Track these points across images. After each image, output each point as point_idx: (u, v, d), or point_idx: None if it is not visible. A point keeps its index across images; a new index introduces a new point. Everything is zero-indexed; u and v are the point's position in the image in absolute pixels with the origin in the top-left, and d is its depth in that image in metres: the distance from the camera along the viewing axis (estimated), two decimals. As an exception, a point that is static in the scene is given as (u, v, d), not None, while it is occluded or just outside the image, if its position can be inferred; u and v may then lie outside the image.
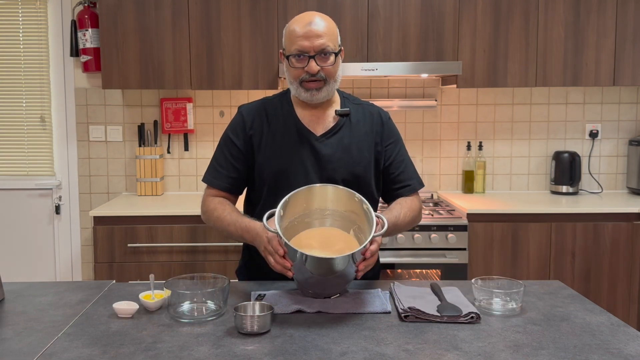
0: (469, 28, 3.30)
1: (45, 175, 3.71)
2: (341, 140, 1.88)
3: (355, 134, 1.90)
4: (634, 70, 3.33)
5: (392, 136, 1.97)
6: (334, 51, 1.81)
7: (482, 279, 1.66)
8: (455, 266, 3.04)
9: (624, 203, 3.33)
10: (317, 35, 1.78)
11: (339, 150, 1.86)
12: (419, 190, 1.99)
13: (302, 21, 1.81)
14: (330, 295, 1.64)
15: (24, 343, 1.39)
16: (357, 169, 1.87)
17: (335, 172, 1.85)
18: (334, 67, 1.82)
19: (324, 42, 1.78)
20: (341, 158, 1.86)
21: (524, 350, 1.34)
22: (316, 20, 1.80)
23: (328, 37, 1.79)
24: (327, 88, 1.83)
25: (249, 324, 1.43)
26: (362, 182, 1.88)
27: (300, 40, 1.78)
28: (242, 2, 3.26)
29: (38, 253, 3.71)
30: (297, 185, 1.78)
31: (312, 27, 1.78)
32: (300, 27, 1.79)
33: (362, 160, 1.89)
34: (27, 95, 3.66)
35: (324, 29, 1.79)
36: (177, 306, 1.57)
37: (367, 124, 1.93)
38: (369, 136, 1.91)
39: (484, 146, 3.71)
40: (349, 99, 1.98)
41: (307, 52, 1.78)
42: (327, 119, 1.90)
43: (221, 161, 1.92)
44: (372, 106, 2.00)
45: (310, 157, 1.85)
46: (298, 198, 1.69)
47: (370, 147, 1.91)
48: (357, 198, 1.70)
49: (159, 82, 3.30)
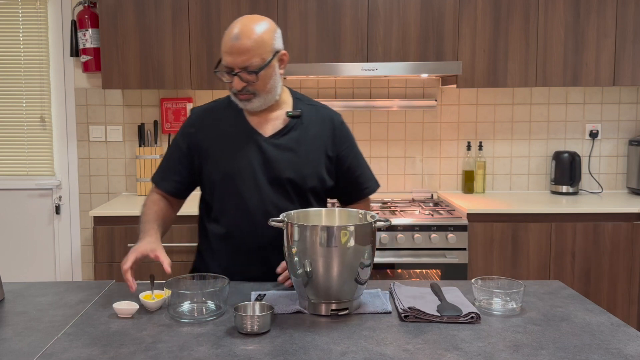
0: (469, 28, 3.30)
1: (45, 175, 3.71)
2: (290, 141, 1.88)
3: (305, 135, 1.89)
4: (634, 70, 3.33)
5: (346, 141, 1.97)
6: (257, 68, 1.74)
7: (482, 279, 1.66)
8: (455, 266, 3.04)
9: (624, 203, 3.33)
10: (239, 52, 1.73)
11: (286, 151, 1.87)
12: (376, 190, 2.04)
13: (229, 34, 1.76)
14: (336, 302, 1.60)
15: (24, 343, 1.39)
16: (304, 170, 1.87)
17: (282, 173, 1.85)
18: (260, 82, 1.78)
19: (248, 59, 1.73)
20: (288, 159, 1.86)
21: (524, 350, 1.34)
22: (242, 34, 1.74)
23: (253, 51, 1.73)
24: (258, 100, 1.81)
25: (249, 324, 1.43)
26: (308, 183, 1.88)
27: (226, 56, 1.76)
28: (242, 2, 3.26)
29: (38, 253, 3.71)
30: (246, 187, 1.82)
31: (236, 42, 1.73)
32: (227, 41, 1.76)
33: (310, 162, 1.88)
34: (27, 95, 3.66)
35: (250, 44, 1.73)
36: (177, 306, 1.57)
37: (318, 126, 1.92)
38: (320, 139, 1.91)
39: (484, 146, 3.71)
40: (302, 99, 1.97)
41: (232, 68, 1.77)
42: (277, 120, 1.89)
43: (169, 163, 1.96)
44: (326, 109, 1.99)
45: (257, 158, 1.85)
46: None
47: (319, 150, 1.90)
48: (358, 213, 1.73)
49: (159, 82, 3.30)
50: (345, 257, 1.52)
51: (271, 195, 1.85)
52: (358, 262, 1.54)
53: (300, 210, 1.72)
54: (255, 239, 1.85)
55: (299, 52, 3.27)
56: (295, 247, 1.54)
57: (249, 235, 1.85)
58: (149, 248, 1.70)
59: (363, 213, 1.70)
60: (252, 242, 1.86)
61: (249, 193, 1.85)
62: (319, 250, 1.51)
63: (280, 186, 1.86)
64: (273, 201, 1.85)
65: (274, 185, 1.86)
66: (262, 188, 1.85)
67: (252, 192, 1.85)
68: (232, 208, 1.87)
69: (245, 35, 1.74)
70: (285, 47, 3.26)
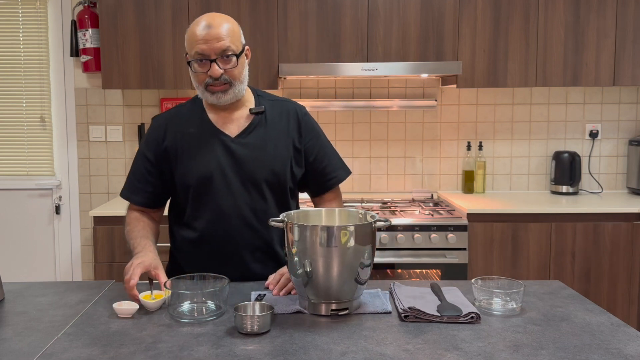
0: (469, 28, 3.30)
1: (45, 175, 3.71)
2: (257, 139, 1.86)
3: (271, 131, 1.88)
4: (634, 70, 3.33)
5: (312, 131, 1.96)
6: (235, 53, 1.77)
7: (482, 279, 1.66)
8: (455, 266, 3.04)
9: (624, 203, 3.33)
10: (216, 38, 1.74)
11: (255, 149, 1.85)
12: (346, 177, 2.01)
13: (201, 24, 1.76)
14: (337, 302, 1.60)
15: (24, 343, 1.39)
16: (276, 167, 1.86)
17: (255, 173, 1.84)
18: (237, 69, 1.79)
19: (224, 44, 1.75)
20: (258, 157, 1.85)
21: (524, 350, 1.34)
22: (215, 22, 1.76)
23: (229, 38, 1.76)
24: (233, 90, 1.81)
25: (249, 324, 1.43)
26: (281, 180, 1.88)
27: (200, 44, 1.75)
28: (242, 2, 3.26)
29: (38, 253, 3.71)
30: (219, 190, 1.80)
31: (211, 30, 1.74)
32: (200, 29, 1.76)
33: (279, 157, 1.87)
34: (27, 95, 3.66)
35: (224, 31, 1.75)
36: (177, 306, 1.57)
37: (283, 121, 1.91)
38: (286, 133, 1.90)
39: (484, 146, 3.71)
40: (263, 96, 1.96)
41: (207, 55, 1.76)
42: (241, 119, 1.88)
43: (137, 175, 1.91)
44: (289, 102, 1.98)
45: (227, 159, 1.83)
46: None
47: (287, 144, 1.90)
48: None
49: (159, 82, 3.30)
50: (345, 257, 1.52)
51: (245, 197, 1.83)
52: (358, 262, 1.54)
53: (300, 210, 1.72)
54: (230, 241, 1.83)
55: (299, 52, 3.27)
56: (295, 247, 1.54)
57: (224, 238, 1.83)
58: (153, 265, 1.67)
59: (363, 213, 1.70)
60: (228, 245, 1.84)
61: (222, 196, 1.83)
62: (319, 250, 1.51)
63: (254, 186, 1.84)
64: (247, 202, 1.83)
65: (247, 186, 1.84)
66: (235, 190, 1.83)
67: (225, 194, 1.83)
68: (206, 212, 1.85)
69: (217, 24, 1.76)
70: (285, 47, 3.30)
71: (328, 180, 1.97)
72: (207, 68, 1.77)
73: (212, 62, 1.76)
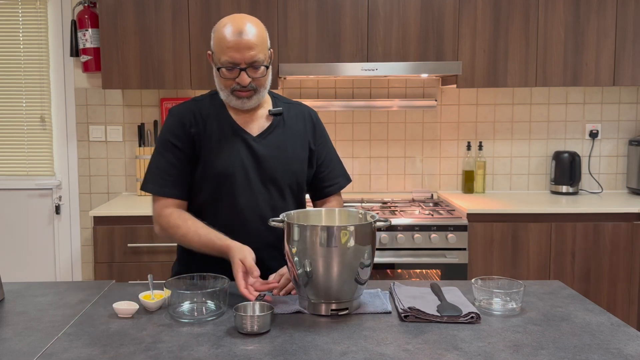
0: (469, 28, 3.30)
1: (45, 175, 3.71)
2: (277, 139, 1.89)
3: (289, 132, 1.91)
4: (634, 70, 3.33)
5: (322, 136, 2.00)
6: (264, 63, 1.79)
7: (482, 279, 1.66)
8: (455, 266, 3.04)
9: (624, 203, 3.33)
10: (248, 47, 1.74)
11: (275, 149, 1.87)
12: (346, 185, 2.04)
13: (232, 29, 1.75)
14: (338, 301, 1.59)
15: (24, 343, 1.39)
16: (294, 167, 1.90)
17: (275, 172, 1.86)
18: (264, 78, 1.81)
19: (255, 54, 1.75)
20: (278, 157, 1.87)
21: (524, 350, 1.34)
22: (247, 30, 1.75)
23: (259, 47, 1.76)
24: (257, 96, 1.83)
25: (249, 324, 1.43)
26: (299, 180, 1.91)
27: (231, 52, 1.74)
28: (242, 2, 3.26)
29: (38, 253, 3.71)
30: (240, 187, 1.80)
31: (243, 37, 1.74)
32: (231, 36, 1.75)
33: (297, 158, 1.91)
34: (27, 95, 3.66)
35: (255, 40, 1.75)
36: (177, 306, 1.57)
37: (299, 123, 1.95)
38: (302, 134, 1.94)
39: (484, 146, 3.71)
40: (278, 98, 1.98)
41: (238, 64, 1.76)
42: (261, 119, 1.90)
43: (165, 167, 1.84)
44: (302, 105, 2.02)
45: (248, 157, 1.85)
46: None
47: (304, 145, 1.93)
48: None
49: (159, 82, 3.30)
50: (345, 257, 1.52)
51: (265, 195, 1.85)
52: (358, 262, 1.54)
53: (300, 210, 1.72)
54: (248, 239, 1.80)
55: (299, 52, 3.27)
56: (295, 247, 1.54)
57: (241, 235, 1.80)
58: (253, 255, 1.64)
59: (363, 213, 1.71)
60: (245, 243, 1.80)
61: (242, 193, 1.83)
62: (319, 250, 1.51)
63: (274, 185, 1.86)
64: (267, 201, 1.85)
65: (267, 185, 1.85)
66: (255, 188, 1.84)
67: (246, 192, 1.83)
68: (224, 208, 1.84)
69: (250, 31, 1.76)
70: (285, 47, 3.29)
71: (328, 187, 2.00)
72: (235, 75, 1.78)
73: (241, 70, 1.76)
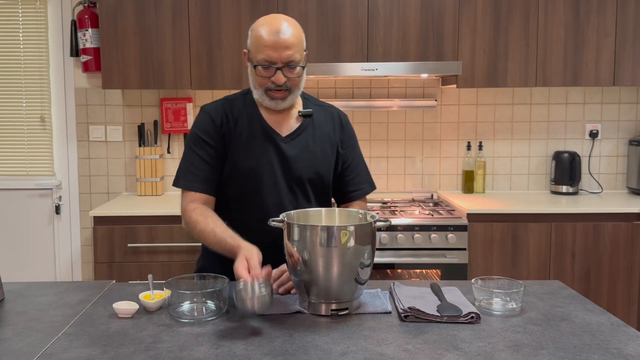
0: (469, 28, 3.30)
1: (45, 175, 3.71)
2: (306, 140, 1.89)
3: (318, 134, 1.92)
4: (634, 70, 3.33)
5: (351, 139, 2.00)
6: (300, 63, 1.79)
7: (482, 279, 1.66)
8: (455, 266, 3.04)
9: (624, 203, 3.33)
10: (285, 47, 1.74)
11: (304, 150, 1.88)
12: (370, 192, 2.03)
13: (270, 28, 1.76)
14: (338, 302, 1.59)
15: (24, 343, 1.39)
16: (321, 169, 1.90)
17: (302, 173, 1.87)
18: (299, 78, 1.82)
19: (292, 54, 1.76)
20: (306, 158, 1.88)
21: (524, 350, 1.34)
22: (284, 29, 1.75)
23: (296, 47, 1.76)
24: (291, 97, 1.83)
25: (250, 302, 1.41)
26: (325, 182, 1.92)
27: (268, 50, 1.75)
28: (242, 2, 3.26)
29: (38, 253, 3.71)
30: (266, 187, 1.80)
31: (281, 37, 1.74)
32: (269, 35, 1.75)
33: (325, 160, 1.91)
34: (27, 95, 3.66)
35: (293, 39, 1.75)
36: (177, 306, 1.57)
37: (328, 125, 1.95)
38: (331, 137, 1.94)
39: (484, 146, 3.71)
40: (309, 99, 1.99)
41: (274, 63, 1.76)
42: (291, 120, 1.90)
43: (196, 163, 1.84)
44: (332, 108, 2.02)
45: (276, 157, 1.85)
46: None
47: (332, 148, 1.94)
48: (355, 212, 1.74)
49: (159, 82, 3.30)
50: (345, 257, 1.52)
51: (290, 196, 1.86)
52: (358, 262, 1.54)
53: (300, 210, 1.73)
54: (271, 238, 1.77)
55: (299, 52, 3.27)
56: (295, 247, 1.55)
57: (265, 234, 1.77)
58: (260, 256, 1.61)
59: (363, 213, 1.71)
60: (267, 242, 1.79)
61: (268, 192, 1.84)
62: (319, 250, 1.51)
63: (299, 186, 1.87)
64: (292, 201, 1.86)
65: (293, 186, 1.87)
66: (281, 188, 1.85)
67: (272, 192, 1.85)
68: (250, 205, 1.85)
69: (288, 31, 1.76)
70: (285, 47, 3.29)
71: (352, 192, 2.00)
72: (271, 74, 1.78)
73: (277, 70, 1.77)
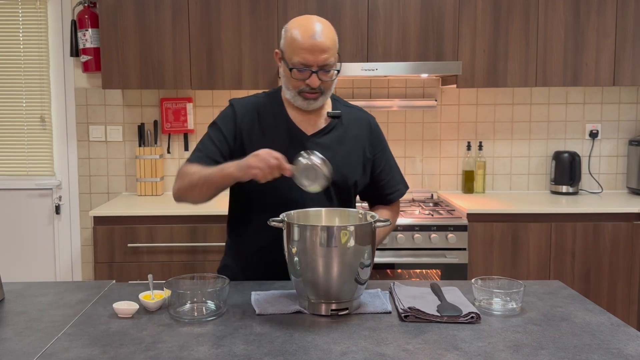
0: (469, 28, 3.30)
1: (45, 175, 3.71)
2: (331, 141, 1.89)
3: (345, 136, 1.91)
4: (634, 70, 3.33)
5: (381, 143, 2.01)
6: (335, 67, 1.80)
7: (482, 279, 1.66)
8: (455, 266, 3.04)
9: (624, 203, 3.33)
10: (321, 50, 1.75)
11: (328, 150, 1.86)
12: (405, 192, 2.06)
13: (306, 31, 1.76)
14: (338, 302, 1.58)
15: (24, 343, 1.39)
16: (345, 170, 1.89)
17: None
18: (333, 81, 1.83)
19: (328, 57, 1.76)
20: (329, 158, 1.85)
21: (524, 350, 1.34)
22: (320, 32, 1.76)
23: (331, 51, 1.77)
24: (322, 98, 1.84)
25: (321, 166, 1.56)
26: (348, 184, 1.91)
27: (304, 53, 1.75)
28: (242, 2, 3.26)
29: (38, 253, 3.71)
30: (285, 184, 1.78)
31: (317, 40, 1.75)
32: (305, 38, 1.75)
33: (350, 162, 1.91)
34: (27, 95, 3.66)
35: (329, 43, 1.76)
36: (177, 306, 1.57)
37: (356, 128, 1.95)
38: (358, 140, 1.94)
39: (484, 146, 3.71)
40: (339, 101, 1.99)
41: (310, 66, 1.76)
42: (319, 120, 1.90)
43: (207, 145, 1.87)
44: (362, 111, 2.02)
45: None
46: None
47: (358, 151, 1.93)
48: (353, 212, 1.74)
49: (159, 82, 3.30)
50: (345, 257, 1.52)
51: (311, 194, 1.84)
52: (358, 262, 1.54)
53: (300, 210, 1.72)
54: None
55: (299, 52, 3.27)
56: (295, 247, 1.54)
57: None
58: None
59: (363, 213, 1.71)
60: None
61: (288, 189, 1.82)
62: (319, 250, 1.51)
63: None
64: (313, 199, 1.84)
65: None
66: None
67: (292, 188, 1.81)
68: (271, 201, 1.84)
69: (324, 34, 1.76)
70: (285, 47, 3.29)
71: (389, 194, 2.01)
72: (305, 76, 1.78)
73: (312, 72, 1.77)
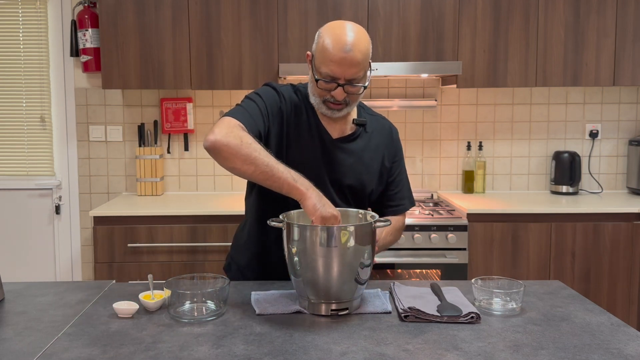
0: (469, 28, 3.30)
1: (45, 175, 3.71)
2: (355, 147, 1.89)
3: (368, 143, 1.91)
4: (634, 70, 3.33)
5: (399, 154, 2.00)
6: (362, 82, 1.74)
7: (482, 279, 1.66)
8: (455, 266, 3.04)
9: (624, 203, 3.33)
10: (350, 65, 1.68)
11: (352, 156, 1.87)
12: (409, 209, 2.03)
13: (338, 42, 1.68)
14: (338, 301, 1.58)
15: (24, 343, 1.39)
16: (364, 178, 1.89)
17: (344, 177, 1.86)
18: (359, 94, 1.78)
19: (357, 72, 1.70)
20: (352, 164, 1.87)
21: (524, 350, 1.34)
22: (354, 44, 1.68)
23: (362, 65, 1.70)
24: (347, 108, 1.81)
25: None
26: (366, 191, 1.90)
27: (333, 66, 1.70)
28: (242, 2, 3.26)
29: (38, 253, 3.71)
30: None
31: (348, 54, 1.67)
32: (336, 49, 1.69)
33: (370, 170, 1.91)
34: (27, 95, 3.66)
35: (360, 57, 1.69)
36: (177, 306, 1.57)
37: (379, 137, 1.95)
38: (380, 149, 1.94)
39: (484, 146, 3.71)
40: (364, 108, 1.98)
41: (337, 79, 1.72)
42: (345, 125, 1.89)
43: (253, 110, 1.75)
44: (385, 120, 2.02)
45: (323, 157, 1.85)
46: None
47: (378, 159, 1.93)
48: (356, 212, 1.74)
49: (159, 82, 3.30)
50: (345, 257, 1.52)
51: (329, 198, 1.81)
52: (358, 262, 1.54)
53: (300, 210, 1.72)
54: None
55: (299, 52, 3.27)
56: (295, 247, 1.54)
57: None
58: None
59: (363, 213, 1.71)
60: None
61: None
62: (319, 250, 1.51)
63: (339, 190, 1.86)
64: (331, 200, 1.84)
65: (334, 188, 1.86)
66: (322, 189, 1.81)
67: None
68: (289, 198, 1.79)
69: (357, 47, 1.69)
70: (285, 47, 3.29)
71: (393, 206, 1.99)
72: (332, 88, 1.74)
73: (338, 86, 1.73)
